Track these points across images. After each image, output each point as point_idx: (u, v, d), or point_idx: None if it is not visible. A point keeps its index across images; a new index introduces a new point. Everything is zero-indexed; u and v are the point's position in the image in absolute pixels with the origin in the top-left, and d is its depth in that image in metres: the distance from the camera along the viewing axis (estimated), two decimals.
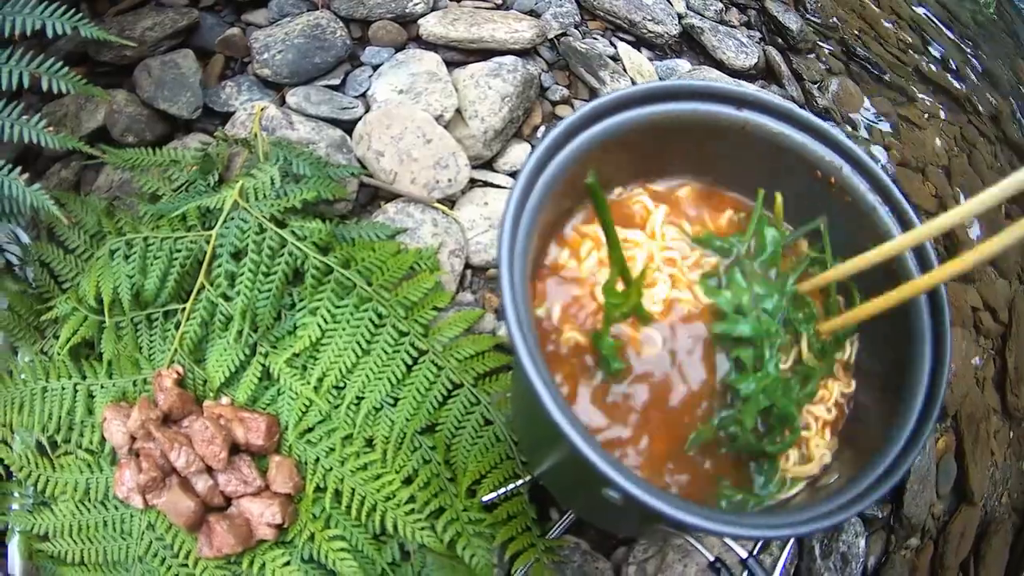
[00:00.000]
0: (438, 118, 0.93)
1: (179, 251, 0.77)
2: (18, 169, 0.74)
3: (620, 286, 0.48)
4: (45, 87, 0.76)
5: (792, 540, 0.75)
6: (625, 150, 0.54)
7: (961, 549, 1.04)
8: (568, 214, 0.56)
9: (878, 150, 1.27)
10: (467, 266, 0.90)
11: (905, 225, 0.52)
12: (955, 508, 1.07)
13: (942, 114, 1.39)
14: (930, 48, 1.48)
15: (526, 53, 1.05)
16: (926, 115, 1.36)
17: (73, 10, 0.79)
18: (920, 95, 1.38)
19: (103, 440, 0.76)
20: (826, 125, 0.54)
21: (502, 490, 0.71)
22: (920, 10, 1.53)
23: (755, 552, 0.59)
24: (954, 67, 1.46)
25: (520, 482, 0.72)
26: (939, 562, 1.02)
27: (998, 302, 1.24)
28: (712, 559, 0.57)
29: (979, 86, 1.44)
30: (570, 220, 0.57)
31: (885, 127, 1.31)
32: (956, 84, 1.43)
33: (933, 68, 1.44)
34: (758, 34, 1.28)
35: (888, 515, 1.01)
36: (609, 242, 0.46)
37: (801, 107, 0.54)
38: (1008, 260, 1.30)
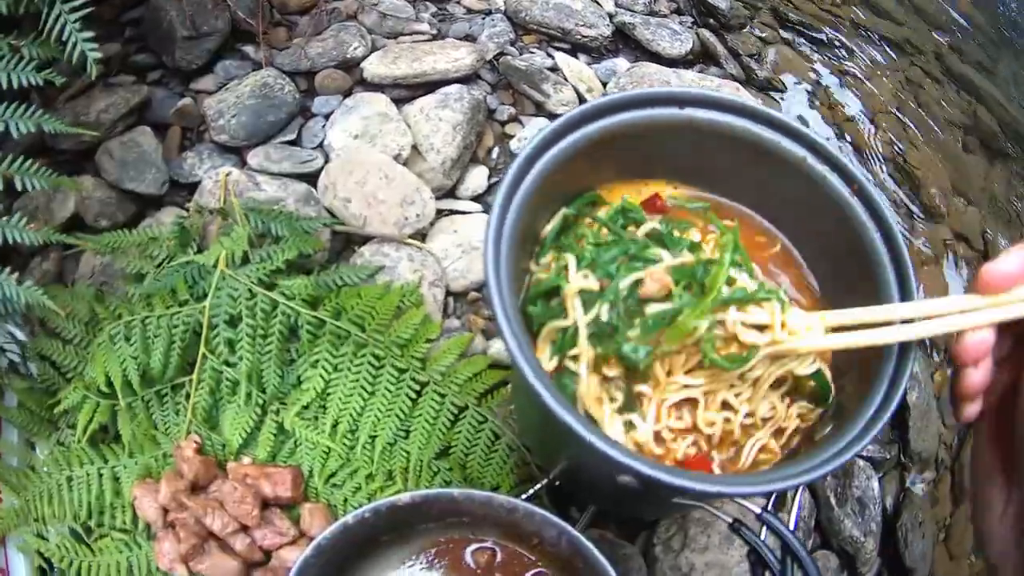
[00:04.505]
0: (396, 157, 1.00)
1: (176, 326, 0.83)
2: (8, 269, 0.78)
3: None
4: (20, 187, 0.79)
5: (802, 489, 0.81)
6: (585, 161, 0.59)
7: None
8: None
9: (825, 111, 1.37)
10: (448, 294, 0.98)
11: (861, 192, 0.56)
12: (965, 434, 1.11)
13: (883, 61, 1.49)
14: None
15: (469, 79, 1.13)
16: (869, 65, 1.46)
17: (32, 107, 0.81)
18: (859, 47, 1.48)
19: (135, 517, 0.82)
20: (753, 103, 0.59)
21: (523, 495, 0.79)
22: None
23: (769, 507, 0.64)
24: (888, 11, 1.56)
25: (538, 485, 0.77)
26: (959, 490, 1.08)
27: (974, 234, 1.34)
28: (731, 521, 0.61)
29: (917, 26, 1.54)
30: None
31: (829, 84, 1.40)
32: (894, 27, 1.53)
33: (867, 16, 1.54)
34: (689, 19, 1.36)
35: (897, 453, 1.06)
36: None
37: (742, 83, 0.60)
38: None
